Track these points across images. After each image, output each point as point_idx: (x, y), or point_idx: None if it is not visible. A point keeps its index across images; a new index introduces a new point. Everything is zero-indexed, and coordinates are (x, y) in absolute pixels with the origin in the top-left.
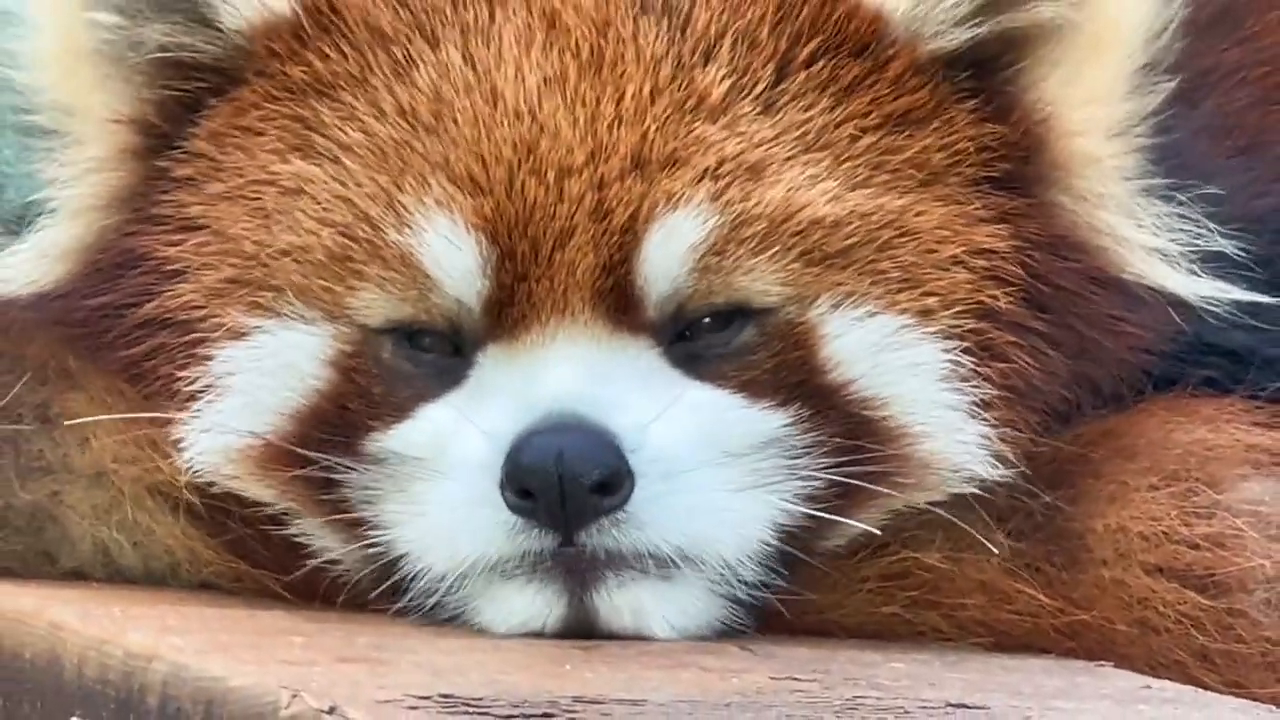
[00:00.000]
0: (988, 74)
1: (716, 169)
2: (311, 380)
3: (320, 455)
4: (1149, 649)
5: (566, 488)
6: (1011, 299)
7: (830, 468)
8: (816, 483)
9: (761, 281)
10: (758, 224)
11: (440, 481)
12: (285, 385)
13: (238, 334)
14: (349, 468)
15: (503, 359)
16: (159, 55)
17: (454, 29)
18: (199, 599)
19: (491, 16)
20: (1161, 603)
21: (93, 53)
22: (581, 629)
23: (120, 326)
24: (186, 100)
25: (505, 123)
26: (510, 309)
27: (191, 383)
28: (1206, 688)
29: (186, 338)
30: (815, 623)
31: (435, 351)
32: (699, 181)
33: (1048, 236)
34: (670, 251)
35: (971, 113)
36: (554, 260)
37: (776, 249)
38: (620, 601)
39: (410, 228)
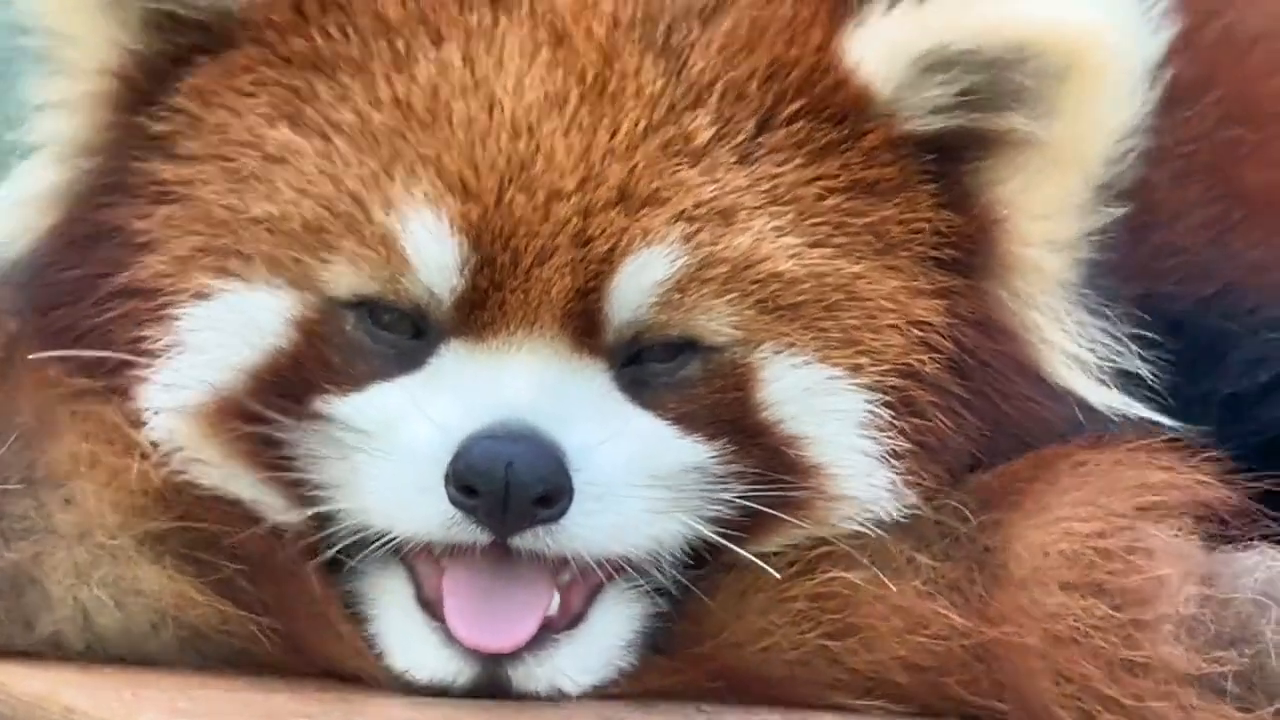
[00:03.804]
0: (952, 163)
1: (692, 211)
2: (271, 338)
3: (268, 412)
4: (1056, 663)
5: (511, 495)
6: (938, 365)
7: (745, 495)
8: (730, 509)
9: (716, 322)
10: (721, 267)
11: (384, 461)
12: (245, 342)
13: (203, 296)
14: (296, 426)
15: (465, 356)
16: (154, 5)
17: (458, 29)
18: (205, 681)
19: (495, 21)
20: (1072, 616)
21: None
22: (492, 691)
23: (94, 295)
24: (174, 55)
25: (503, 134)
26: (481, 312)
27: (156, 342)
28: (1112, 701)
29: (155, 302)
30: (737, 660)
31: (396, 331)
32: (675, 221)
33: (980, 316)
34: (639, 285)
35: (932, 196)
36: (531, 275)
37: (735, 294)
38: (539, 671)
39: (395, 211)
